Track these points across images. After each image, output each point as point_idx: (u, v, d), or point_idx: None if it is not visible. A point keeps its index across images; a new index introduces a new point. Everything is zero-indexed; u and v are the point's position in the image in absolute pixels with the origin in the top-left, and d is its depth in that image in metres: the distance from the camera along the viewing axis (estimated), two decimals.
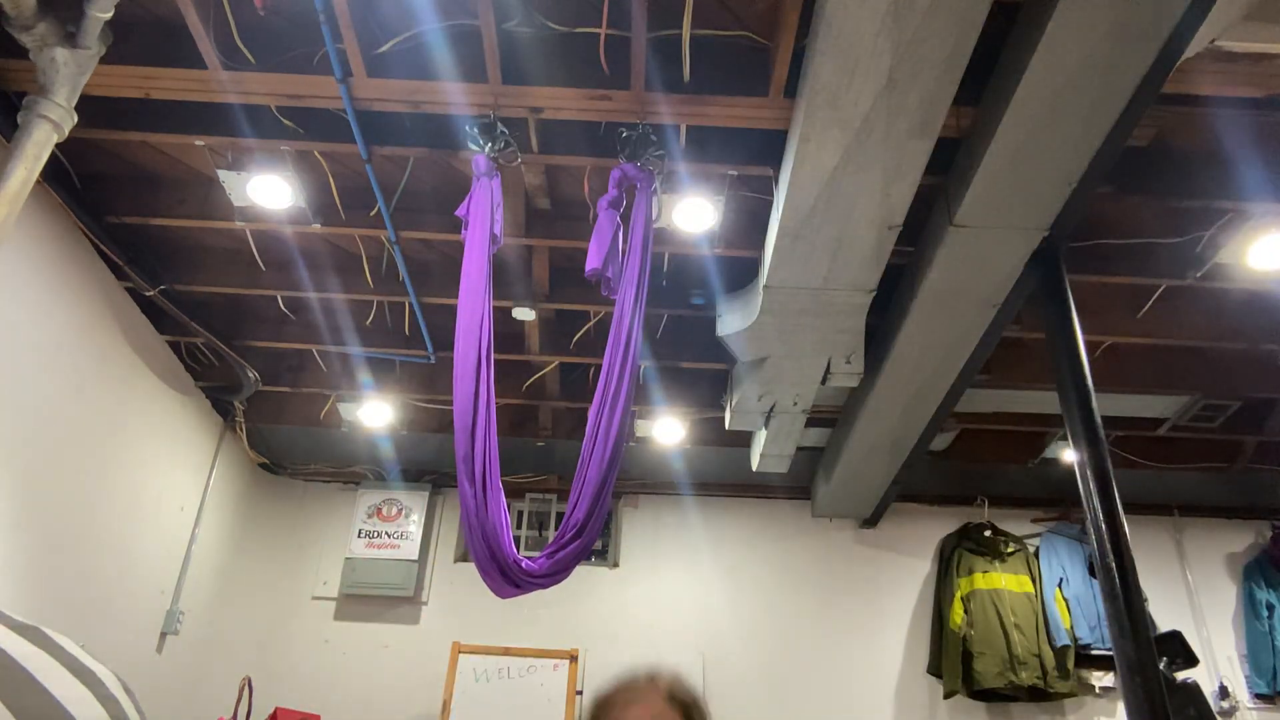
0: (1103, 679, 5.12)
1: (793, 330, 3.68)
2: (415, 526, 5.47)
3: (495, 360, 2.91)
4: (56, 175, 3.44)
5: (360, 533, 5.44)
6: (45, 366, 3.66)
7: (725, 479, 5.69)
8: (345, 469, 5.69)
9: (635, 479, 5.67)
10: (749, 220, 3.63)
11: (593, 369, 4.79)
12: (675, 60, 2.88)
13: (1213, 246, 3.57)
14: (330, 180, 3.54)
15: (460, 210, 3.02)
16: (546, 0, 2.87)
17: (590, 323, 4.43)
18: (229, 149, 3.38)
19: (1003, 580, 5.15)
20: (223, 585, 5.26)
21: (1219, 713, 4.96)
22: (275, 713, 4.62)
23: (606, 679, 1.46)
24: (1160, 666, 2.68)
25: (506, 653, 5.04)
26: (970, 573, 5.21)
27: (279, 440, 5.63)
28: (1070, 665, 4.96)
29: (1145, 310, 4.04)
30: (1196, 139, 3.29)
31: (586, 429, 2.90)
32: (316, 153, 3.41)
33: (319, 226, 3.70)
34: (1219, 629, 5.36)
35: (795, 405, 4.24)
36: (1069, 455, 4.90)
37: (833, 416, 4.87)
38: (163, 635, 4.65)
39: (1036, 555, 5.35)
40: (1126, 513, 2.78)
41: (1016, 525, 5.50)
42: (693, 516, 5.70)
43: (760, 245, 3.51)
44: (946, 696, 5.07)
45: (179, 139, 3.40)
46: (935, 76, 2.55)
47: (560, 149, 3.27)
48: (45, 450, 3.70)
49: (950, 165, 3.12)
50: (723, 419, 4.66)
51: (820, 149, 2.79)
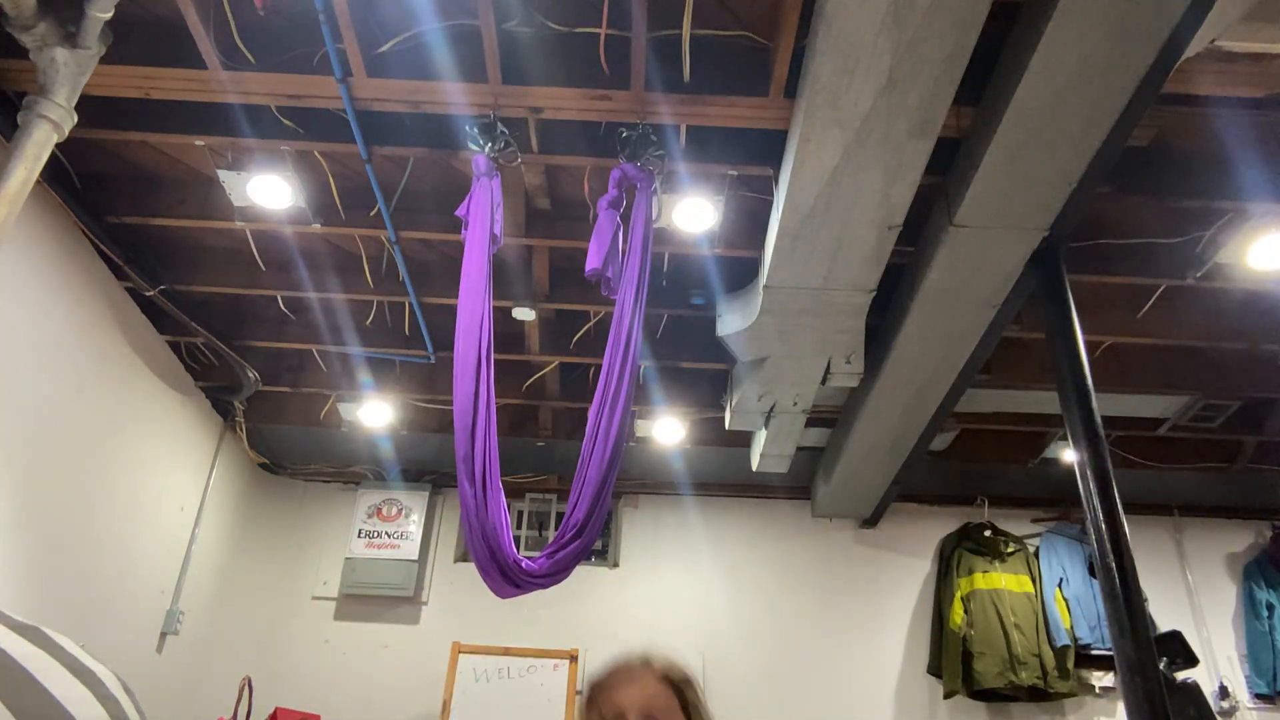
0: (1103, 679, 5.12)
1: (793, 330, 3.68)
2: (415, 526, 5.47)
3: (495, 360, 2.90)
4: (56, 175, 3.44)
5: (360, 533, 5.44)
6: (45, 366, 3.66)
7: (725, 479, 5.69)
8: (345, 469, 5.69)
9: (635, 479, 5.67)
10: (749, 220, 3.63)
11: (593, 369, 4.79)
12: (675, 60, 2.88)
13: (1213, 246, 3.57)
14: (330, 180, 3.54)
15: (460, 210, 3.02)
16: (546, 0, 2.87)
17: (590, 323, 4.43)
18: (229, 149, 3.38)
19: (1003, 580, 5.14)
20: (223, 585, 5.26)
21: (1219, 713, 4.96)
22: (275, 713, 4.62)
23: (602, 663, 1.48)
24: (1160, 666, 2.68)
25: (506, 653, 5.04)
26: (970, 573, 5.21)
27: (279, 440, 5.63)
28: (1070, 665, 4.96)
29: (1145, 310, 4.04)
30: (1196, 139, 3.29)
31: (586, 429, 2.90)
32: (316, 153, 3.41)
33: (319, 226, 3.70)
34: (1219, 629, 5.35)
35: (795, 405, 4.24)
36: (1069, 455, 4.90)
37: (833, 416, 4.87)
38: (163, 635, 4.65)
39: (1036, 555, 5.34)
40: (1126, 513, 2.78)
41: (1016, 525, 5.50)
42: (693, 516, 5.69)
43: (760, 245, 3.51)
44: (946, 696, 5.07)
45: (179, 139, 3.40)
46: (935, 76, 2.55)
47: (560, 149, 3.27)
48: (45, 450, 3.70)
49: (950, 165, 3.12)
50: (723, 419, 4.65)
51: (820, 149, 2.79)
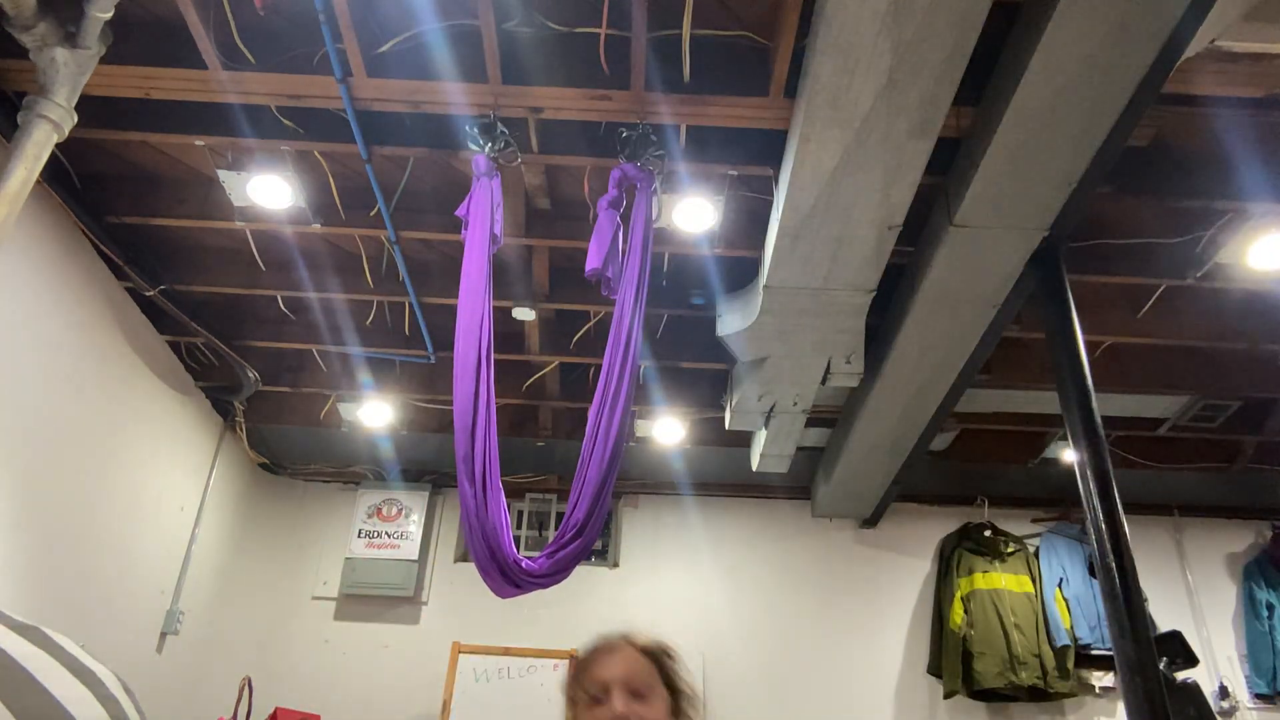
0: (1103, 679, 5.12)
1: (793, 330, 3.68)
2: (415, 526, 5.47)
3: (495, 360, 2.90)
4: (56, 175, 3.44)
5: (360, 533, 5.44)
6: (45, 366, 3.66)
7: (725, 479, 5.69)
8: (345, 469, 5.69)
9: (635, 479, 5.66)
10: (749, 220, 3.63)
11: (593, 369, 4.79)
12: (675, 60, 2.88)
13: (1213, 246, 3.57)
14: (330, 180, 3.54)
15: (460, 210, 3.02)
16: (546, 0, 2.87)
17: (590, 323, 4.43)
18: (229, 149, 3.38)
19: (1003, 580, 5.14)
20: (223, 585, 5.26)
21: (1219, 713, 4.96)
22: (275, 713, 4.62)
23: (585, 643, 1.60)
24: (1160, 666, 2.68)
25: (506, 653, 5.04)
26: (970, 573, 5.21)
27: (279, 440, 5.63)
28: (1070, 665, 4.95)
29: (1145, 310, 4.04)
30: (1196, 139, 3.29)
31: (586, 429, 2.89)
32: (316, 153, 3.41)
33: (319, 226, 3.70)
34: (1219, 629, 5.35)
35: (795, 405, 4.24)
36: (1069, 455, 4.90)
37: (833, 416, 4.87)
38: (163, 635, 4.65)
39: (1036, 555, 5.34)
40: (1126, 513, 2.78)
41: (1016, 525, 5.50)
42: (693, 516, 5.69)
43: (760, 245, 3.51)
44: (946, 696, 5.07)
45: (179, 139, 3.40)
46: (935, 76, 2.55)
47: (560, 149, 3.27)
48: (45, 450, 3.70)
49: (950, 165, 3.12)
50: (723, 419, 4.65)
51: (820, 149, 2.79)
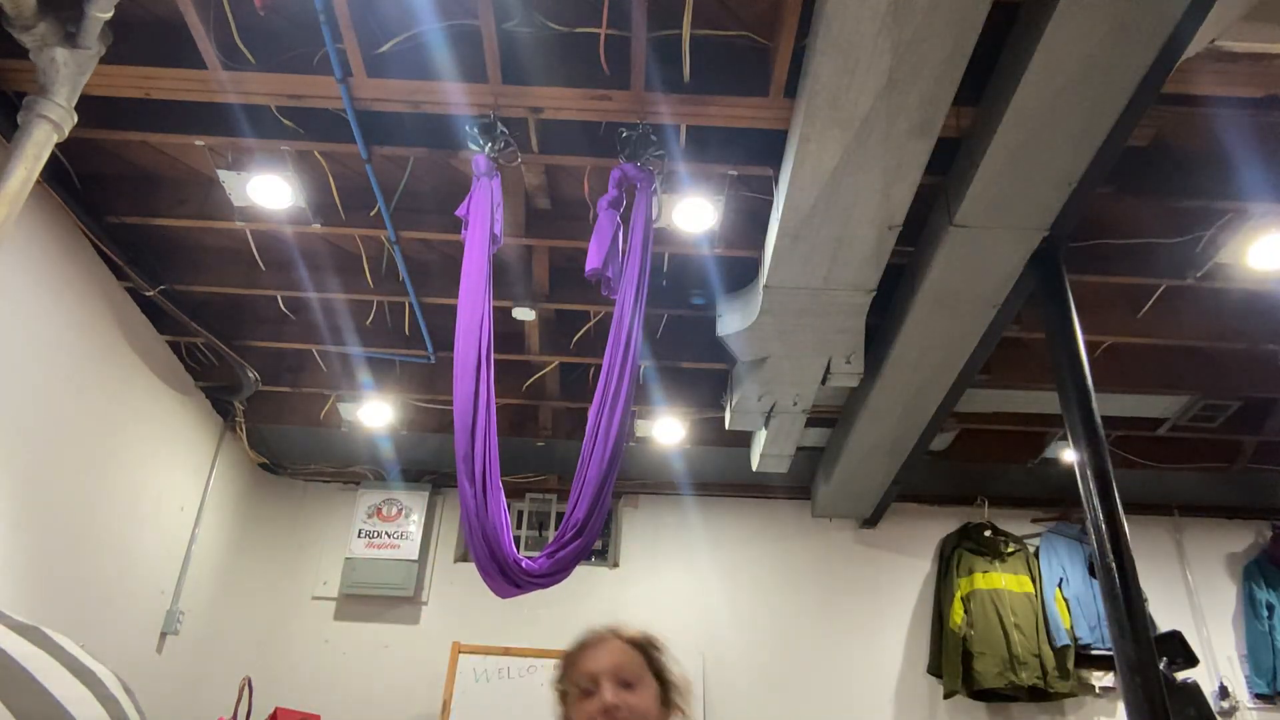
0: (1103, 679, 5.12)
1: (793, 330, 3.68)
2: (415, 526, 5.47)
3: (495, 360, 2.90)
4: (56, 175, 3.44)
5: (360, 533, 5.44)
6: (45, 366, 3.66)
7: (725, 479, 5.69)
8: (345, 469, 5.69)
9: (635, 479, 5.66)
10: (749, 220, 3.63)
11: (593, 369, 4.79)
12: (675, 60, 2.88)
13: (1213, 246, 3.57)
14: (330, 180, 3.54)
15: (460, 210, 3.02)
16: (546, 0, 2.87)
17: (590, 323, 4.43)
18: (229, 149, 3.38)
19: (1003, 580, 5.14)
20: (223, 585, 5.26)
21: (1219, 713, 4.96)
22: (275, 713, 4.62)
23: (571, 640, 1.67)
24: (1160, 666, 2.68)
25: (506, 653, 5.03)
26: (970, 573, 5.21)
27: (279, 440, 5.63)
28: (1070, 665, 4.95)
29: (1145, 310, 4.04)
30: (1196, 139, 3.29)
31: (586, 429, 2.89)
32: (316, 153, 3.41)
33: (319, 226, 3.70)
34: (1219, 629, 5.35)
35: (795, 405, 4.24)
36: (1069, 455, 4.90)
37: (833, 416, 4.87)
38: (163, 635, 4.65)
39: (1036, 555, 5.34)
40: (1126, 513, 2.78)
41: (1016, 525, 5.50)
42: (693, 516, 5.69)
43: (760, 245, 3.51)
44: (946, 696, 5.07)
45: (179, 139, 3.40)
46: (935, 76, 2.55)
47: (560, 149, 3.27)
48: (45, 450, 3.70)
49: (950, 165, 3.12)
50: (723, 419, 4.65)
51: (820, 149, 2.79)
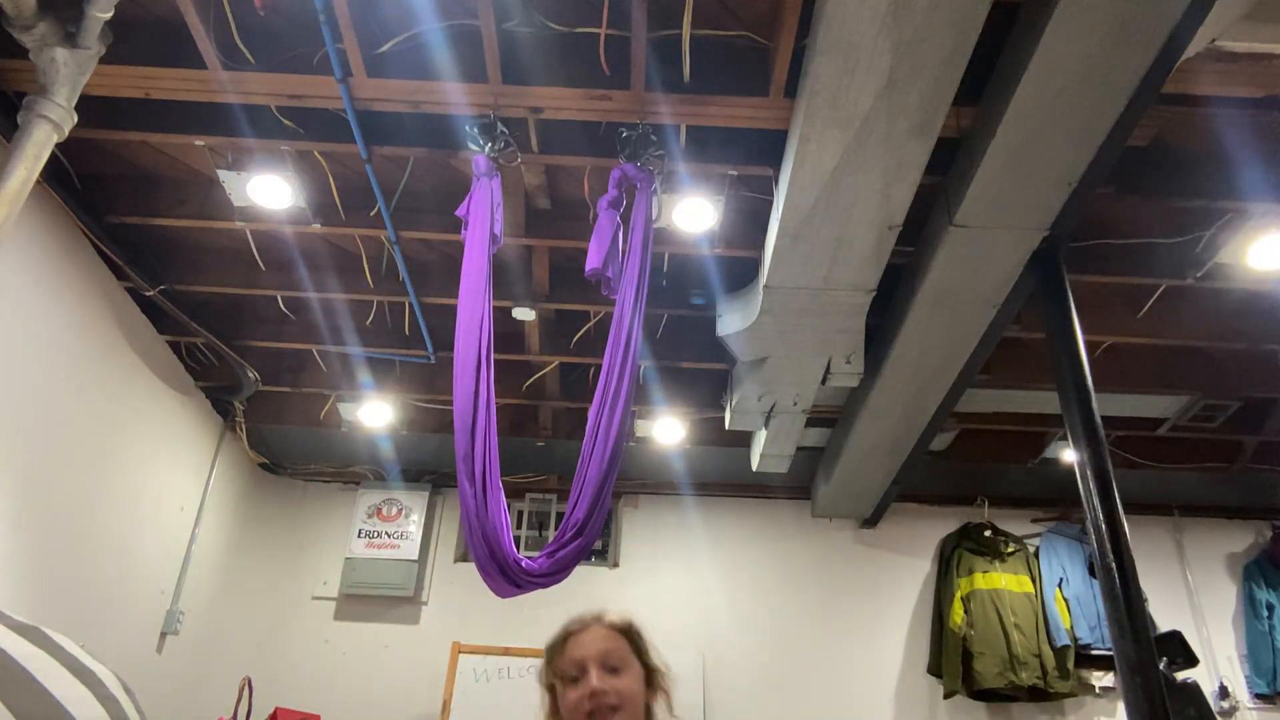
0: (1103, 679, 5.12)
1: (793, 330, 3.68)
2: (415, 526, 5.47)
3: (495, 360, 2.90)
4: (56, 175, 3.44)
5: (360, 533, 5.44)
6: (45, 366, 3.66)
7: (725, 479, 5.69)
8: (345, 469, 5.69)
9: (635, 479, 5.66)
10: (749, 220, 3.63)
11: (593, 369, 4.79)
12: (675, 60, 2.88)
13: (1213, 246, 3.57)
14: (330, 180, 3.54)
15: (460, 210, 3.02)
16: (546, 0, 2.87)
17: (590, 323, 4.43)
18: (229, 149, 3.38)
19: (1003, 580, 5.14)
20: (223, 585, 5.26)
21: (1219, 713, 4.96)
22: (275, 713, 4.62)
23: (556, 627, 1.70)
24: (1160, 666, 2.68)
25: (506, 653, 5.03)
26: (970, 573, 5.21)
27: (279, 440, 5.63)
28: (1070, 665, 4.95)
29: (1145, 310, 4.04)
30: (1196, 139, 3.29)
31: (586, 429, 2.89)
32: (316, 153, 3.41)
33: (319, 226, 3.70)
34: (1219, 629, 5.35)
35: (795, 405, 4.24)
36: (1069, 455, 4.90)
37: (833, 416, 4.87)
38: (163, 635, 4.65)
39: (1036, 555, 5.34)
40: (1126, 513, 2.78)
41: (1016, 525, 5.50)
42: (693, 516, 5.69)
43: (760, 245, 3.51)
44: (946, 696, 5.07)
45: (179, 139, 3.40)
46: (935, 76, 2.55)
47: (560, 149, 3.27)
48: (45, 450, 3.70)
49: (950, 165, 3.12)
50: (723, 419, 4.65)
51: (820, 149, 2.79)
